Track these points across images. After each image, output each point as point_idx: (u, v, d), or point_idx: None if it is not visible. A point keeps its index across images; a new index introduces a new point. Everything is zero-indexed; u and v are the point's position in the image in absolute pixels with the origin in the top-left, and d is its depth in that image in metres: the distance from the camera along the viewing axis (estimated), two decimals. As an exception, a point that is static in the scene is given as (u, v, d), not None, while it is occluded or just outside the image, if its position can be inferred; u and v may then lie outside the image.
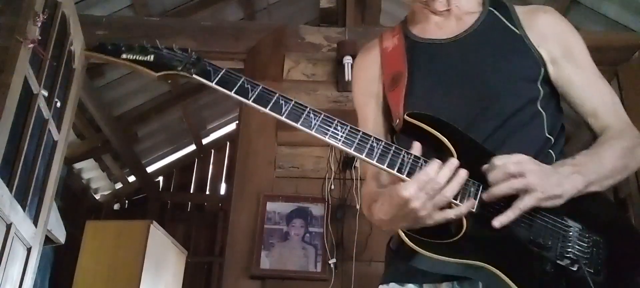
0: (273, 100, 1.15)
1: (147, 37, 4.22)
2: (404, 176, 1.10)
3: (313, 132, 1.13)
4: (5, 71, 2.39)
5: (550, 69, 1.30)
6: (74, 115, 3.44)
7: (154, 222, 4.25)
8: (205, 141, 7.33)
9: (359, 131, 1.14)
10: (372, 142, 1.13)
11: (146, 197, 7.34)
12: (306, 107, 1.15)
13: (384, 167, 1.11)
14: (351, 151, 1.12)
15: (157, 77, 1.18)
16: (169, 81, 1.21)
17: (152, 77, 1.18)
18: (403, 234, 1.09)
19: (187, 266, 5.15)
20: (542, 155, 1.23)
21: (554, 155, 1.25)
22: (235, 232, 3.22)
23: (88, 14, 3.71)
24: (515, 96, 1.25)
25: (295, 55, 3.63)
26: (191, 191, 7.66)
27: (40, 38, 2.54)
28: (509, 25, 1.32)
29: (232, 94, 1.15)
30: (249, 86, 1.15)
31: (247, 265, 3.09)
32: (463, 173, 1.09)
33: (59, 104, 2.98)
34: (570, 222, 1.13)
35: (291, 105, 1.15)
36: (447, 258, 1.09)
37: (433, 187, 1.06)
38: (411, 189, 1.06)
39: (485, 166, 1.11)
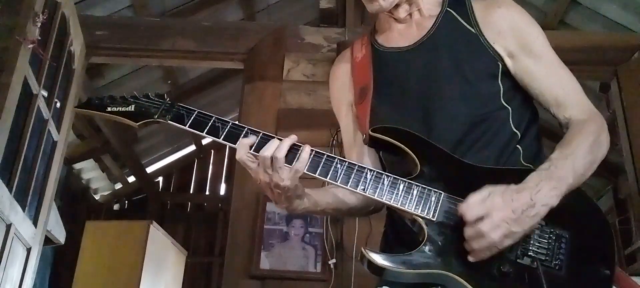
0: (242, 134, 1.21)
1: (147, 37, 4.19)
2: (366, 193, 1.17)
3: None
4: (5, 71, 2.39)
5: (509, 63, 1.30)
6: (74, 115, 3.44)
7: (154, 222, 4.24)
8: (205, 141, 7.33)
9: (323, 154, 1.19)
10: (336, 163, 1.19)
11: (146, 197, 7.34)
12: (278, 138, 1.20)
13: (348, 187, 1.18)
14: (316, 175, 1.18)
15: (137, 126, 1.27)
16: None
17: (134, 126, 1.28)
18: (370, 253, 1.13)
19: (187, 266, 5.15)
20: (508, 152, 1.25)
21: (521, 149, 1.26)
22: (235, 232, 3.22)
23: (88, 14, 3.71)
24: (476, 96, 1.27)
25: (295, 55, 3.63)
26: (191, 191, 7.67)
27: (40, 38, 2.54)
28: (465, 24, 1.33)
29: (204, 134, 1.24)
30: (219, 124, 1.23)
31: (247, 265, 3.09)
32: (288, 141, 1.17)
33: (59, 104, 2.98)
34: None
35: (260, 136, 1.21)
36: (409, 270, 1.12)
37: (263, 155, 1.16)
38: (241, 152, 1.17)
39: (459, 211, 1.11)
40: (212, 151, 7.66)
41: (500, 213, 1.07)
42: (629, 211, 5.20)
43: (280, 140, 1.18)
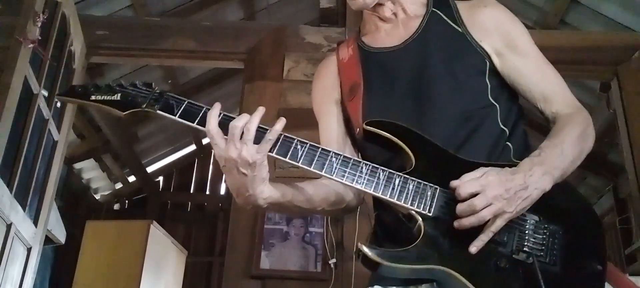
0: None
1: (147, 37, 4.18)
2: (361, 187, 1.15)
3: (274, 154, 1.16)
4: (5, 71, 2.39)
5: (496, 61, 1.32)
6: (74, 115, 3.44)
7: (154, 222, 4.24)
8: (205, 141, 7.33)
9: (318, 147, 1.17)
10: (332, 156, 1.16)
11: (146, 197, 7.35)
12: (267, 128, 1.17)
13: (343, 181, 1.16)
14: (311, 169, 1.15)
15: (123, 115, 1.20)
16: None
17: (119, 115, 1.20)
18: (365, 248, 1.12)
19: (187, 266, 5.15)
20: (499, 149, 1.26)
21: (511, 146, 1.28)
22: (235, 232, 3.22)
23: (88, 14, 3.71)
24: (463, 94, 1.28)
25: (295, 55, 3.63)
26: (191, 191, 7.67)
27: (40, 38, 2.55)
28: (451, 24, 1.35)
29: (194, 125, 1.17)
30: None
31: (247, 265, 3.09)
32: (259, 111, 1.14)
33: (59, 104, 2.98)
34: (527, 215, 1.16)
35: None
36: (405, 265, 1.12)
37: (234, 124, 1.12)
38: (212, 122, 1.13)
39: (452, 185, 1.12)
40: (213, 151, 7.65)
41: (493, 191, 1.08)
42: (629, 211, 5.20)
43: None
